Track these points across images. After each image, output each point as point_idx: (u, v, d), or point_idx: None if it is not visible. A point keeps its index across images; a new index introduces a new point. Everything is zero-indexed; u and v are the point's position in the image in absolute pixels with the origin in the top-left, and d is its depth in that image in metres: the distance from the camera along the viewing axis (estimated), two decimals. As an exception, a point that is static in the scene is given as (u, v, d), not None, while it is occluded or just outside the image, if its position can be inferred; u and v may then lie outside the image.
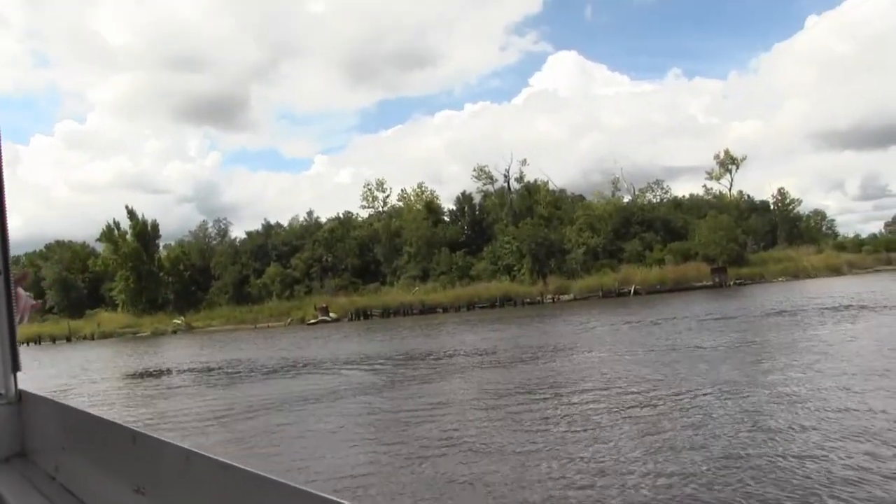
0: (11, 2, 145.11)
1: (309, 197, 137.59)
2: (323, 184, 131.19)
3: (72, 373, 31.79)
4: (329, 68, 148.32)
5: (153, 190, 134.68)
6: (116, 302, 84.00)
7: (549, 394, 15.63)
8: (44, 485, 1.69)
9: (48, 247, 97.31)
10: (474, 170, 79.76)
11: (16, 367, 1.96)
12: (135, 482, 1.28)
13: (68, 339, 74.35)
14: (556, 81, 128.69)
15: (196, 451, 1.13)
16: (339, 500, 0.78)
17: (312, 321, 63.63)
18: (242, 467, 1.00)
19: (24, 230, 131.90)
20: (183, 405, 18.81)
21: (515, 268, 71.54)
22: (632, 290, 64.27)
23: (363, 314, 66.38)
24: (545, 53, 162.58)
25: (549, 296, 66.05)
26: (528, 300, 65.61)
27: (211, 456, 1.08)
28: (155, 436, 1.22)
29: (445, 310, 64.85)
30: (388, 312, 65.93)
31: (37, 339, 76.02)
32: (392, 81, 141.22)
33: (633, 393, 14.80)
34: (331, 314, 65.39)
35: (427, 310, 65.18)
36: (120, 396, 21.35)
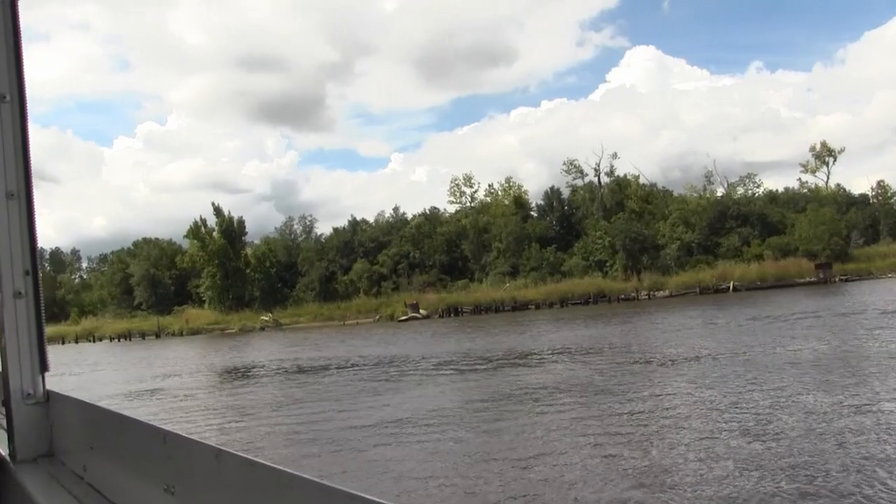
0: (92, 8, 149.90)
1: (385, 195, 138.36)
2: (399, 182, 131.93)
3: (166, 371, 31.67)
4: (403, 66, 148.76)
5: (232, 189, 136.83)
6: (203, 299, 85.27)
7: (649, 400, 14.43)
8: (72, 484, 1.68)
9: (136, 244, 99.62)
10: (564, 164, 78.43)
11: (44, 367, 1.96)
12: (164, 481, 1.26)
13: (157, 336, 75.75)
14: (634, 77, 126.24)
15: (225, 449, 1.03)
16: (368, 496, 0.80)
17: (403, 318, 63.26)
18: (271, 465, 1.01)
19: (108, 229, 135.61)
20: (272, 404, 18.32)
21: (608, 263, 69.94)
22: (730, 287, 62.08)
23: (453, 311, 65.76)
24: (622, 49, 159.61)
25: (644, 292, 64.32)
26: (623, 296, 64.03)
27: (240, 454, 1.10)
28: (184, 434, 1.25)
29: (538, 306, 63.77)
30: (478, 309, 65.16)
31: (126, 335, 77.88)
32: (467, 79, 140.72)
33: (753, 408, 12.93)
34: (421, 311, 64.96)
35: (519, 306, 64.20)
36: (211, 395, 20.74)
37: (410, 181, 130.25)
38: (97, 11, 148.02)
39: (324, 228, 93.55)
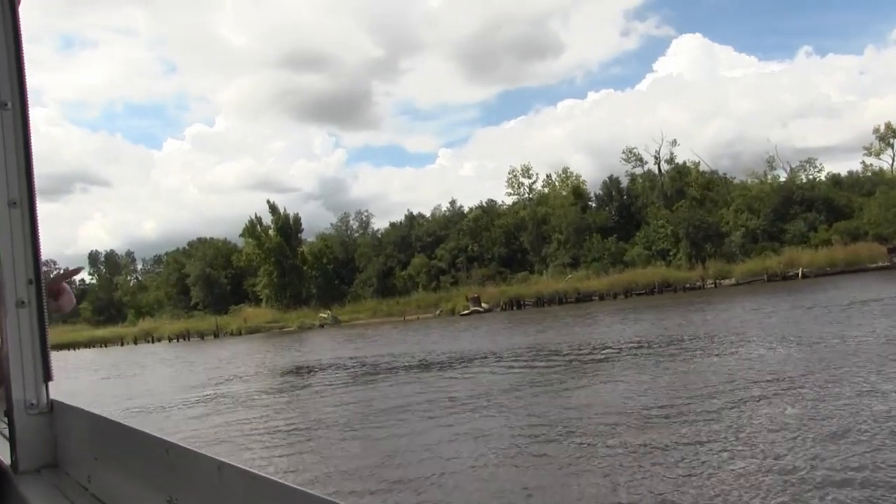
0: (137, 12, 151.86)
1: (434, 191, 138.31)
2: (447, 177, 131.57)
3: (232, 372, 30.94)
4: (448, 62, 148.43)
5: (280, 189, 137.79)
6: (260, 297, 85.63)
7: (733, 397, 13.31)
8: (76, 495, 1.69)
9: (191, 244, 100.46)
10: (623, 152, 77.08)
11: (48, 376, 1.98)
12: (167, 493, 1.30)
13: (215, 335, 76.06)
14: (681, 66, 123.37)
15: (228, 462, 1.09)
16: None
17: (465, 312, 62.83)
18: (273, 479, 1.02)
19: (159, 231, 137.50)
20: (338, 403, 17.82)
21: (671, 252, 68.83)
22: (799, 274, 60.62)
23: (516, 304, 65.17)
24: (668, 37, 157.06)
25: (710, 281, 63.11)
26: (688, 286, 62.88)
27: (243, 467, 1.10)
28: (188, 447, 1.28)
29: (601, 297, 62.91)
30: (541, 301, 64.51)
31: (185, 335, 78.51)
32: (512, 72, 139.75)
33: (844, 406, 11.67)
34: (482, 304, 64.49)
35: (582, 297, 63.40)
36: (283, 402, 19.61)
37: (458, 176, 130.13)
38: (142, 16, 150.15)
39: (375, 224, 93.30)
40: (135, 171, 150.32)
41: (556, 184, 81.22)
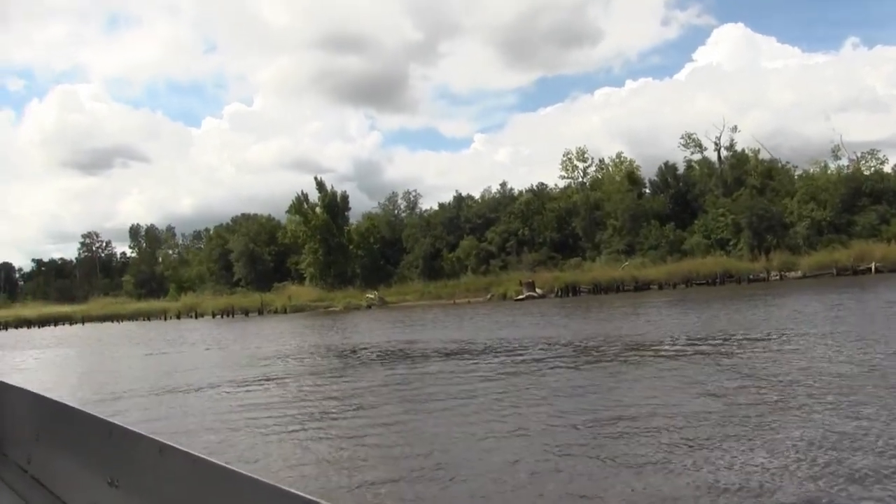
0: None
1: (468, 176, 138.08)
2: (482, 162, 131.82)
3: (283, 350, 29.58)
4: (487, 47, 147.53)
5: (315, 169, 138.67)
6: (303, 275, 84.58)
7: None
8: (15, 478, 1.64)
9: (234, 220, 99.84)
10: (681, 138, 74.69)
11: None
12: (108, 475, 1.39)
13: (260, 312, 74.97)
14: (721, 56, 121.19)
15: (169, 443, 1.12)
16: (307, 496, 0.79)
17: (520, 297, 61.13)
18: (213, 461, 0.99)
19: (196, 208, 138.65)
20: (389, 388, 16.42)
21: (731, 242, 66.60)
22: (872, 268, 58.15)
23: (571, 290, 63.40)
24: (709, 27, 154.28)
25: (775, 273, 60.85)
26: (751, 277, 60.67)
27: (183, 449, 1.04)
28: (130, 428, 1.29)
29: (661, 286, 60.96)
30: (598, 289, 62.68)
31: (229, 312, 77.61)
32: (550, 59, 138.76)
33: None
34: (536, 290, 62.80)
35: (640, 286, 61.49)
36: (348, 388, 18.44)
37: (493, 161, 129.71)
38: None
39: (423, 205, 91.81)
40: (174, 148, 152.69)
41: (610, 168, 79.10)
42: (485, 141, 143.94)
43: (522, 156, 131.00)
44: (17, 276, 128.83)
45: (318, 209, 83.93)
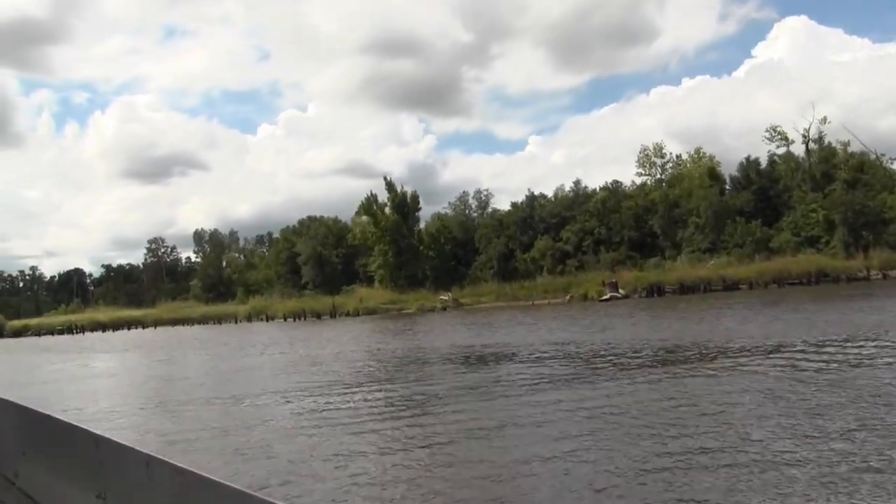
0: (235, 3, 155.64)
1: (524, 178, 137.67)
2: (537, 165, 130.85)
3: (363, 354, 28.38)
4: (539, 48, 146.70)
5: (370, 174, 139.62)
6: (373, 277, 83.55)
7: None
8: (3, 490, 1.60)
9: (301, 222, 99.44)
10: (766, 130, 71.43)
11: None
12: (96, 488, 1.38)
13: (332, 315, 74.10)
14: (783, 50, 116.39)
15: (157, 456, 1.15)
16: None
17: (604, 298, 58.99)
18: (200, 473, 0.98)
19: (253, 214, 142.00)
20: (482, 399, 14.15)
21: (822, 240, 63.45)
22: None
23: (656, 290, 61.02)
24: (769, 21, 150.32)
25: (876, 271, 57.60)
26: (850, 276, 57.49)
27: (170, 462, 1.08)
28: (117, 440, 1.32)
29: (751, 286, 58.21)
30: (684, 288, 60.21)
31: (300, 315, 76.80)
32: (603, 59, 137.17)
33: None
34: (619, 290, 60.62)
35: (729, 286, 58.81)
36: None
37: (549, 164, 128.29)
38: (239, 6, 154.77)
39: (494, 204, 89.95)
40: (230, 156, 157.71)
41: (688, 164, 76.34)
42: (539, 143, 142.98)
43: (578, 157, 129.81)
44: (88, 281, 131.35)
45: (387, 210, 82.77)
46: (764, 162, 73.10)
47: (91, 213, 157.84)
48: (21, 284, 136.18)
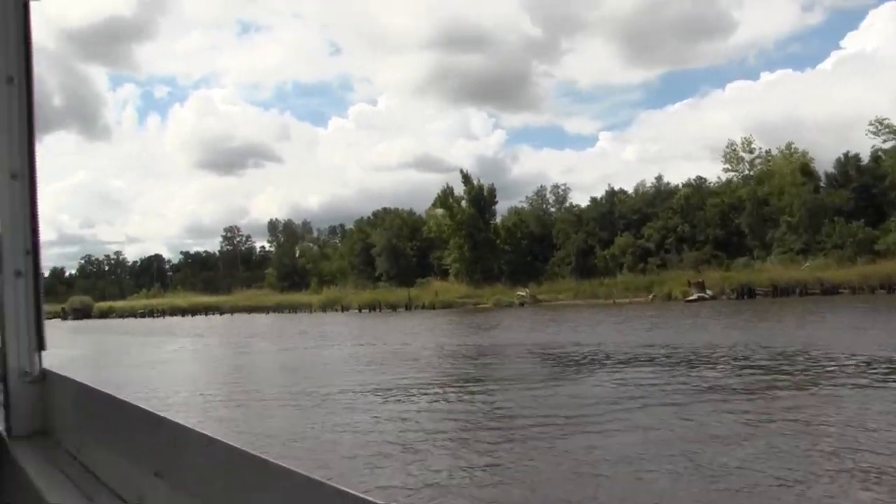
0: None
1: (594, 174, 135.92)
2: (608, 161, 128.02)
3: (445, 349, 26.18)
4: (610, 42, 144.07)
5: (439, 168, 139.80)
6: (447, 270, 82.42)
7: None
8: (66, 463, 1.73)
9: (376, 214, 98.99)
10: (870, 123, 67.09)
11: (41, 345, 2.06)
12: (155, 465, 1.46)
13: (407, 308, 73.38)
14: (877, 40, 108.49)
15: (217, 437, 1.21)
16: (356, 493, 0.81)
17: (691, 298, 56.40)
18: (261, 455, 0.98)
19: (324, 206, 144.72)
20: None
21: (934, 242, 59.19)
22: None
23: (746, 292, 58.10)
24: (862, 8, 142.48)
25: None
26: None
27: (231, 444, 1.11)
28: (178, 421, 1.39)
29: (854, 290, 54.67)
30: (776, 291, 57.16)
31: (375, 306, 76.12)
32: (677, 53, 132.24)
33: None
34: (707, 290, 57.96)
35: (827, 290, 55.45)
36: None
37: (620, 160, 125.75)
38: (309, 1, 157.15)
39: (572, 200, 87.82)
40: (302, 148, 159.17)
41: (778, 160, 72.62)
42: (611, 139, 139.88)
43: (651, 153, 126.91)
44: (167, 267, 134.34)
45: (463, 203, 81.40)
46: (865, 157, 68.71)
47: (170, 202, 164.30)
48: (106, 268, 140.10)
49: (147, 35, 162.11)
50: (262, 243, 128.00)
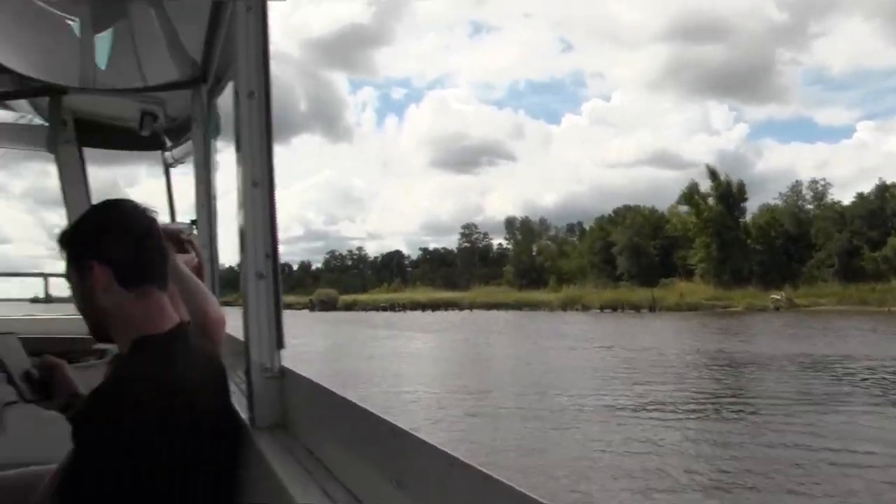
0: None
1: (851, 169, 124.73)
2: (868, 154, 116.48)
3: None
4: (870, 20, 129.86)
5: (676, 165, 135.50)
6: (693, 271, 79.32)
7: None
8: (304, 457, 1.81)
9: (616, 211, 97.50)
10: None
11: (280, 343, 2.16)
12: (394, 475, 1.48)
13: (651, 309, 71.39)
14: None
15: (460, 458, 1.24)
16: None
17: None
18: (508, 483, 1.01)
19: (558, 204, 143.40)
20: None
21: None
22: None
23: None
24: None
25: None
26: None
27: (475, 465, 1.14)
28: (417, 435, 1.41)
29: None
30: None
31: (616, 306, 74.60)
32: None
33: None
34: None
35: None
36: None
37: (883, 153, 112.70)
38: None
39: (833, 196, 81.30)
40: (536, 146, 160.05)
41: None
42: (872, 129, 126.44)
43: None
44: (406, 262, 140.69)
45: (710, 200, 77.98)
46: None
47: (407, 199, 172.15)
48: (349, 263, 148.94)
49: (384, 40, 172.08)
50: (498, 241, 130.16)
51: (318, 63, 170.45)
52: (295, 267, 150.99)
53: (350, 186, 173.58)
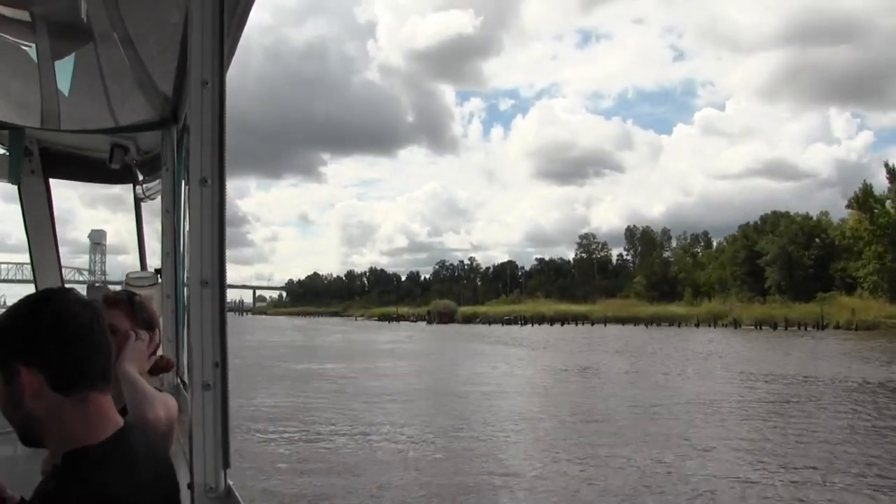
0: (649, 3, 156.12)
1: None
2: None
3: None
4: None
5: (790, 175, 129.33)
6: (857, 284, 70.56)
7: None
8: None
9: (763, 218, 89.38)
10: None
11: (226, 462, 1.95)
12: None
13: (817, 327, 63.83)
14: None
15: None
16: None
17: None
18: None
19: (666, 215, 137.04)
20: None
21: None
22: None
23: None
24: None
25: None
26: None
27: None
28: None
29: None
30: None
31: (768, 323, 66.76)
32: None
33: None
34: None
35: None
36: None
37: None
38: (653, 6, 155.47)
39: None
40: (645, 156, 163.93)
41: None
42: None
43: None
44: (519, 273, 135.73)
45: (888, 204, 69.15)
46: None
47: (512, 210, 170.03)
48: (459, 274, 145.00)
49: (491, 50, 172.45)
50: (618, 251, 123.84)
51: (425, 75, 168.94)
52: (403, 278, 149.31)
53: (454, 198, 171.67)
